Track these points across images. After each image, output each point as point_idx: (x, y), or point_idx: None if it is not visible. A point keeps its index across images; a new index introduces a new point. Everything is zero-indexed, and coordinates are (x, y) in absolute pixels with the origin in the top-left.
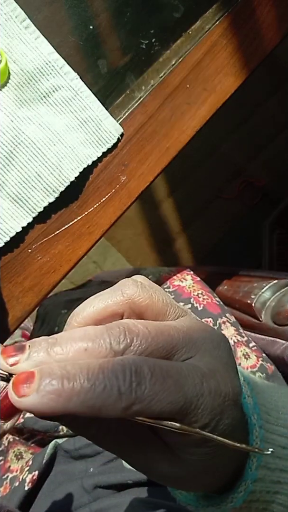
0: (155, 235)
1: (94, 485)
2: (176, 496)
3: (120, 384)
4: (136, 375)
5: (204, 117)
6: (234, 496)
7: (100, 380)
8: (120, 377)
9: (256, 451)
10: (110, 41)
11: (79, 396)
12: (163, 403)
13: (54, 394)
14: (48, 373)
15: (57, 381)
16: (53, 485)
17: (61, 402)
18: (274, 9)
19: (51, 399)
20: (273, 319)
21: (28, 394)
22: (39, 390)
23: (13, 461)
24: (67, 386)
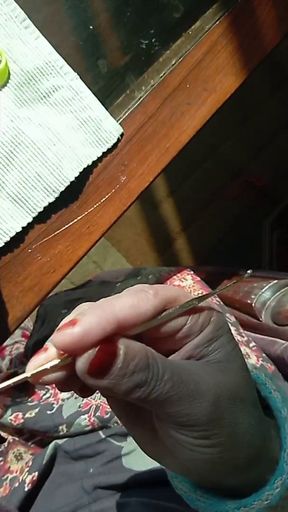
0: (155, 235)
1: (94, 485)
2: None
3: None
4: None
5: (204, 117)
6: (270, 493)
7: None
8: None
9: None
10: (110, 41)
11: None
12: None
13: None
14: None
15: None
16: (53, 486)
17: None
18: (274, 9)
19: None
20: (273, 319)
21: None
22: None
23: (13, 462)
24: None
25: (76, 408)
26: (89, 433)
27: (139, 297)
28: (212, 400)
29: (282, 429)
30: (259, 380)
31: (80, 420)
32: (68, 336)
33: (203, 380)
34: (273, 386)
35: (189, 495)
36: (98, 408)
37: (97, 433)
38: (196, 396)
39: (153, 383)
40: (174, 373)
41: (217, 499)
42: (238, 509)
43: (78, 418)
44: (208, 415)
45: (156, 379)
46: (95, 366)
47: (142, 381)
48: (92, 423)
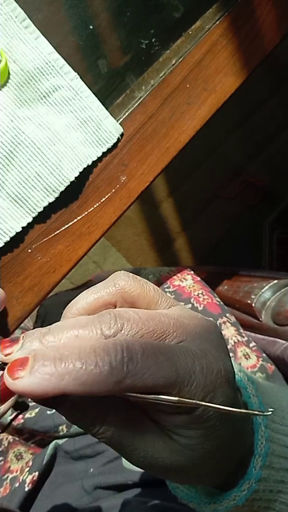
0: (155, 235)
1: (94, 485)
2: (177, 494)
3: (111, 359)
4: (128, 351)
5: (204, 117)
6: (237, 495)
7: (92, 358)
8: (111, 354)
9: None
10: (110, 41)
11: (71, 374)
12: (156, 377)
13: (46, 374)
14: (41, 356)
15: (49, 361)
16: (53, 486)
17: (53, 382)
18: (274, 9)
19: (43, 379)
20: (273, 319)
21: (22, 376)
22: (32, 371)
23: (13, 462)
24: (60, 366)
25: None
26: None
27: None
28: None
29: (256, 435)
30: (241, 383)
31: None
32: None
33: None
34: (253, 392)
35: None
36: None
37: None
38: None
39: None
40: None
41: (195, 491)
42: (209, 504)
43: None
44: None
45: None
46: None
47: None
48: None
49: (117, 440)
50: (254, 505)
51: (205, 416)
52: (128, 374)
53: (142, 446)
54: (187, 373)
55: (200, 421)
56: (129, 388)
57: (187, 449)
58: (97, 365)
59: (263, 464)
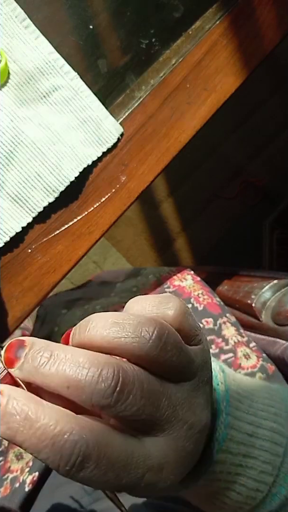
0: (155, 235)
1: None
2: None
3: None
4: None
5: (204, 117)
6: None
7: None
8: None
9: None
10: (110, 40)
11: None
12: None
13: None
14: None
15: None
16: (54, 486)
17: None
18: (274, 9)
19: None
20: (273, 319)
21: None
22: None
23: (13, 462)
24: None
25: None
26: None
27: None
28: None
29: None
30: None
31: None
32: None
33: None
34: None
35: None
36: None
37: None
38: None
39: None
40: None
41: None
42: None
43: None
44: None
45: None
46: None
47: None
48: None
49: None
50: (214, 485)
51: None
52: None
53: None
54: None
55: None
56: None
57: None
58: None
59: (219, 449)
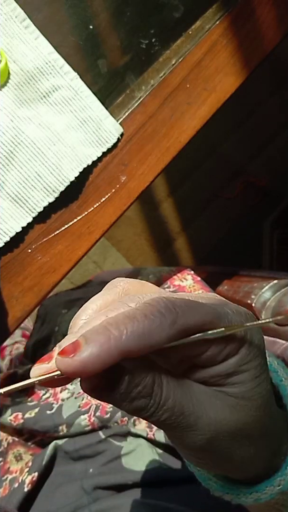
0: (155, 235)
1: (94, 486)
2: (210, 487)
3: (158, 307)
4: (168, 301)
5: (204, 117)
6: (282, 478)
7: (140, 313)
8: (156, 304)
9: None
10: (110, 40)
11: (127, 331)
12: (201, 313)
13: (104, 339)
14: (91, 331)
15: (102, 330)
16: (53, 486)
17: (113, 343)
18: (274, 9)
19: (103, 345)
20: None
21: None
22: (88, 342)
23: (13, 462)
24: (114, 329)
25: (76, 408)
26: (89, 433)
27: (153, 324)
28: (209, 435)
29: None
30: (271, 367)
31: (80, 420)
32: (68, 365)
33: (205, 415)
34: (285, 375)
35: (202, 473)
36: (98, 408)
37: (97, 433)
38: (194, 428)
39: (152, 410)
40: (176, 403)
41: (229, 482)
42: (250, 493)
43: (78, 418)
44: (201, 445)
45: (156, 407)
46: (97, 388)
47: (142, 407)
48: (92, 423)
49: (180, 410)
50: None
51: (251, 354)
52: (178, 315)
53: (203, 411)
54: (224, 312)
55: (248, 359)
56: (183, 328)
57: (244, 399)
58: (147, 316)
59: None
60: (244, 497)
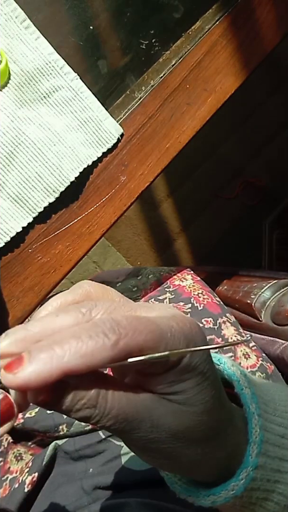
0: (155, 235)
1: (94, 486)
2: (176, 489)
3: (103, 329)
4: (113, 321)
5: (204, 117)
6: (235, 484)
7: (84, 334)
8: (101, 325)
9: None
10: (110, 41)
11: (70, 351)
12: (144, 333)
13: (47, 358)
14: (35, 347)
15: (46, 348)
16: (53, 486)
17: (55, 362)
18: (274, 9)
19: (45, 363)
20: (272, 319)
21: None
22: (31, 360)
23: (13, 462)
24: (57, 348)
25: None
26: (89, 433)
27: (96, 345)
28: (151, 436)
29: (249, 424)
30: (234, 377)
31: None
32: (11, 381)
33: (148, 419)
34: (246, 383)
35: (170, 477)
36: None
37: (97, 433)
38: (137, 431)
39: (97, 418)
40: (120, 412)
41: (193, 486)
42: (208, 496)
43: None
44: (145, 445)
45: (100, 416)
46: (43, 402)
47: (87, 417)
48: None
49: (123, 418)
50: (253, 496)
51: (193, 363)
52: (121, 336)
53: (147, 416)
54: (168, 327)
55: (190, 368)
56: (125, 349)
57: (187, 405)
58: (91, 337)
59: (259, 452)
60: (203, 500)
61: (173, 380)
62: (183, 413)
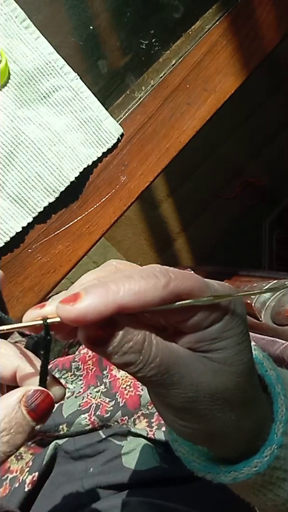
0: (155, 235)
1: (94, 485)
2: (194, 468)
3: (154, 271)
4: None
5: (204, 117)
6: (259, 461)
7: (137, 275)
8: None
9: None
10: (110, 41)
11: (124, 287)
12: (192, 280)
13: (103, 292)
14: (92, 285)
15: (101, 285)
16: (53, 486)
17: (111, 296)
18: (274, 9)
19: (102, 296)
20: (272, 319)
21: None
22: (88, 293)
23: (13, 462)
24: (113, 285)
25: (76, 407)
26: (90, 433)
27: (148, 284)
28: (190, 394)
29: (275, 404)
30: (257, 359)
31: (81, 419)
32: (67, 312)
33: (189, 375)
34: (270, 366)
35: (186, 457)
36: (98, 407)
37: (98, 433)
38: (176, 387)
39: (140, 366)
40: (163, 362)
41: (212, 463)
42: (229, 472)
43: (78, 417)
44: (183, 403)
45: (144, 364)
46: (92, 340)
47: (131, 362)
48: (93, 422)
49: (165, 369)
50: (274, 475)
51: (234, 321)
52: (171, 279)
53: (188, 371)
54: (210, 283)
55: (231, 326)
56: (175, 291)
57: (226, 364)
58: (143, 277)
59: (284, 431)
60: (224, 476)
61: (215, 337)
62: (223, 372)
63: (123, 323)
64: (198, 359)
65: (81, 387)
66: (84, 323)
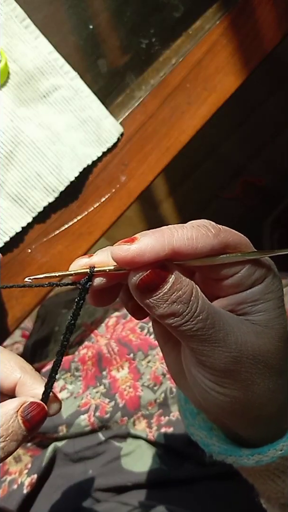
0: None
1: (94, 487)
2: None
3: (205, 223)
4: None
5: (204, 117)
6: (285, 444)
7: (189, 225)
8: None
9: None
10: (110, 40)
11: (178, 233)
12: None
13: (158, 235)
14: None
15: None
16: (52, 488)
17: (167, 239)
18: (274, 9)
19: (158, 238)
20: None
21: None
22: (144, 236)
23: (12, 464)
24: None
25: (75, 407)
26: (89, 435)
27: (199, 233)
28: (234, 353)
29: None
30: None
31: (80, 420)
32: (124, 251)
33: (233, 333)
34: None
35: (204, 440)
36: (98, 408)
37: (97, 435)
38: (221, 344)
39: (186, 318)
40: (209, 316)
41: (232, 445)
42: (252, 455)
43: (78, 418)
44: (226, 364)
45: (190, 315)
46: (145, 283)
47: (178, 312)
48: (92, 423)
49: (211, 323)
50: None
51: (274, 284)
52: (220, 230)
53: (232, 330)
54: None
55: (272, 289)
56: (224, 241)
57: (268, 327)
58: (194, 227)
59: None
60: (246, 459)
61: (258, 298)
62: (265, 334)
63: (173, 271)
64: (241, 321)
65: (80, 388)
66: (140, 264)
